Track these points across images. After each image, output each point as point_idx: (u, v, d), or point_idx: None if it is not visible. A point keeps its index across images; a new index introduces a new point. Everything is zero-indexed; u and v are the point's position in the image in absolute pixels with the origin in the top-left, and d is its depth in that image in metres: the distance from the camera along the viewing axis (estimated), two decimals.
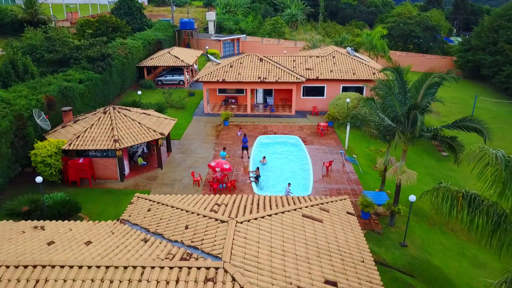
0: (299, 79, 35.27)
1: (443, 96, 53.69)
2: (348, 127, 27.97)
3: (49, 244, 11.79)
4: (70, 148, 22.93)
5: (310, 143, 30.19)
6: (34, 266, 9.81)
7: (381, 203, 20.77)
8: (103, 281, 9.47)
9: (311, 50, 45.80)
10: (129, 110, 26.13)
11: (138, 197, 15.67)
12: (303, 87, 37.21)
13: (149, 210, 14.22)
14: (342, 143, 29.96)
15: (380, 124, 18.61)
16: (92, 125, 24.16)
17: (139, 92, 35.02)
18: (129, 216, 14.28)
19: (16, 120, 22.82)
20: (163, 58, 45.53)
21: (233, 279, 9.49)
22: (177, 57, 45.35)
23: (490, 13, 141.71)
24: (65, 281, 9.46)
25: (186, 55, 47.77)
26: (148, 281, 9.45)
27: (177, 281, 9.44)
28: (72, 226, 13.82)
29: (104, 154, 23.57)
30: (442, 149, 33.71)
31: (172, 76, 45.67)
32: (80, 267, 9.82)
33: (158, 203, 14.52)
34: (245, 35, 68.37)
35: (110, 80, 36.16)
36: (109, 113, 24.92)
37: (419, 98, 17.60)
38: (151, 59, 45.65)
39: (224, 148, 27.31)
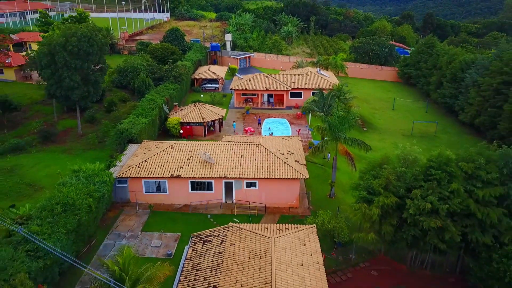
0: (287, 88, 64.06)
1: (383, 97, 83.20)
2: (310, 114, 56.72)
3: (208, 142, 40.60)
4: (183, 121, 51.62)
5: (292, 122, 59.02)
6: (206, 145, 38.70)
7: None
8: (229, 145, 38.29)
9: (296, 69, 74.54)
10: (205, 105, 54.91)
11: (224, 135, 44.43)
12: (290, 92, 65.89)
13: (231, 138, 42.99)
14: (308, 121, 58.75)
15: (314, 111, 47.38)
16: (190, 111, 52.84)
17: (202, 95, 63.93)
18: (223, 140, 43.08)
19: (158, 108, 51.59)
20: (206, 73, 74.21)
21: (263, 147, 38.31)
22: (214, 72, 74.02)
23: (455, 27, 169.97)
24: (217, 147, 38.37)
25: (219, 71, 76.45)
26: (240, 144, 38.30)
27: (248, 146, 38.32)
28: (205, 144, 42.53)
29: (197, 124, 52.19)
30: (364, 126, 62.58)
31: (211, 84, 74.25)
32: (219, 144, 38.69)
33: (234, 135, 43.34)
34: (253, 53, 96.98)
35: (182, 88, 64.96)
36: (197, 106, 53.64)
37: (328, 101, 46.43)
38: (198, 73, 74.32)
39: (234, 121, 56.41)
